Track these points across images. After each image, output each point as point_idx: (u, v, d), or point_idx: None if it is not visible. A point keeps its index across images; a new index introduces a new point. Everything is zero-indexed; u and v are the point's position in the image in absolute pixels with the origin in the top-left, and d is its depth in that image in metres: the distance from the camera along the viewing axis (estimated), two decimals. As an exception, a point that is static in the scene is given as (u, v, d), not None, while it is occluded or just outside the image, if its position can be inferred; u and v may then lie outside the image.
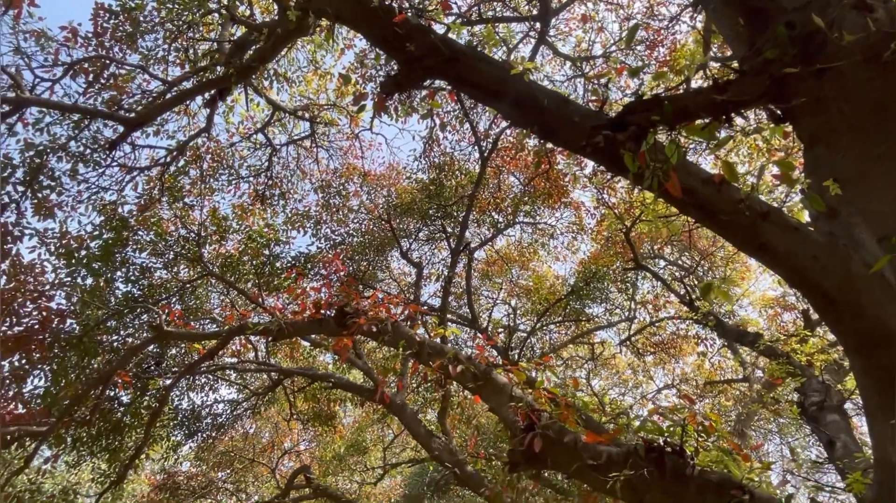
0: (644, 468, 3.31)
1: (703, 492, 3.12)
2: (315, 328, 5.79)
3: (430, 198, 9.93)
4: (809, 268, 2.75)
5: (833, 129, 2.20)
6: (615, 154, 3.05)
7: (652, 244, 12.80)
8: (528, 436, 3.84)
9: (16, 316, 6.60)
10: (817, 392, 5.02)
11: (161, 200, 8.63)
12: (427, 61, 3.43)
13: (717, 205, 2.93)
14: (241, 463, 13.52)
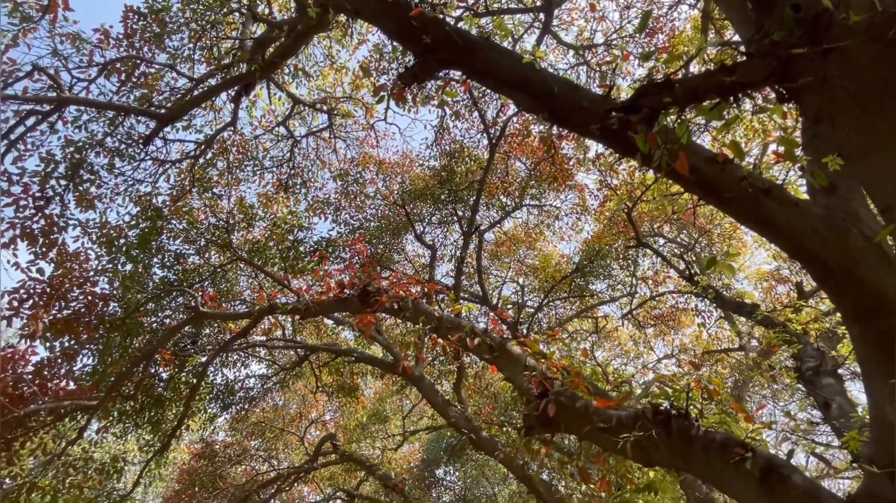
0: (652, 430, 3.35)
1: (707, 450, 3.14)
2: (340, 307, 5.84)
3: (442, 183, 9.91)
4: (809, 240, 2.73)
5: (838, 106, 2.16)
6: (624, 136, 3.02)
7: (652, 223, 12.70)
8: (542, 402, 3.89)
9: (64, 300, 6.71)
10: (812, 358, 5.02)
11: (192, 191, 8.69)
12: (442, 52, 3.40)
13: (720, 182, 2.91)
14: (271, 432, 13.78)
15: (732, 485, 3.03)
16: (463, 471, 19.89)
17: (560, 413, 3.79)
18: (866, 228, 2.73)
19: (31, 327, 6.16)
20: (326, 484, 14.47)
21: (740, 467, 2.95)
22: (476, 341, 4.41)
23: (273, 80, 7.80)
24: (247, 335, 7.24)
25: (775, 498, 2.78)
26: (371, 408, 14.53)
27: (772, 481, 2.82)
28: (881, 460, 2.63)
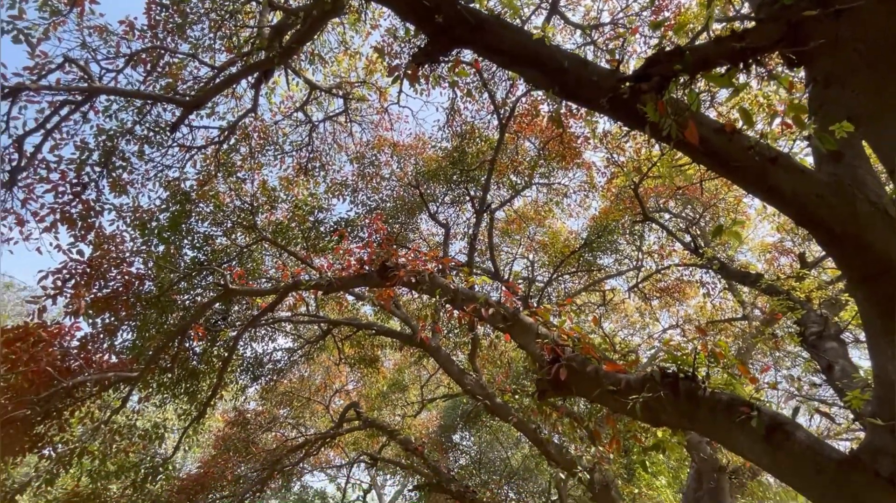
0: (660, 391, 3.35)
1: (713, 410, 3.14)
2: (360, 282, 5.88)
3: (454, 164, 9.83)
4: (815, 206, 2.68)
5: (849, 68, 2.09)
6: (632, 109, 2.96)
7: (658, 199, 12.53)
8: (554, 367, 3.90)
9: (103, 280, 6.84)
10: (816, 323, 4.96)
11: (217, 175, 8.73)
12: (454, 31, 3.33)
13: (728, 152, 2.85)
14: (298, 401, 14.07)
15: (738, 443, 3.03)
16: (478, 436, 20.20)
17: (571, 377, 3.80)
18: (872, 194, 2.67)
19: (74, 305, 6.31)
20: (351, 448, 14.80)
21: (746, 425, 2.94)
22: (490, 311, 4.43)
23: (291, 67, 7.74)
24: (273, 310, 7.34)
25: (780, 453, 2.78)
26: (391, 378, 14.74)
27: (776, 438, 2.81)
28: (884, 417, 2.61)
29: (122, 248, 7.22)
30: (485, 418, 14.83)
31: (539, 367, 4.18)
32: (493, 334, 12.65)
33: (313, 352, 12.06)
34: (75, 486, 7.70)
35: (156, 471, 8.35)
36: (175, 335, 6.87)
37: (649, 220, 9.68)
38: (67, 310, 6.34)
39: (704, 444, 8.21)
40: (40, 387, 5.71)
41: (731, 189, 11.27)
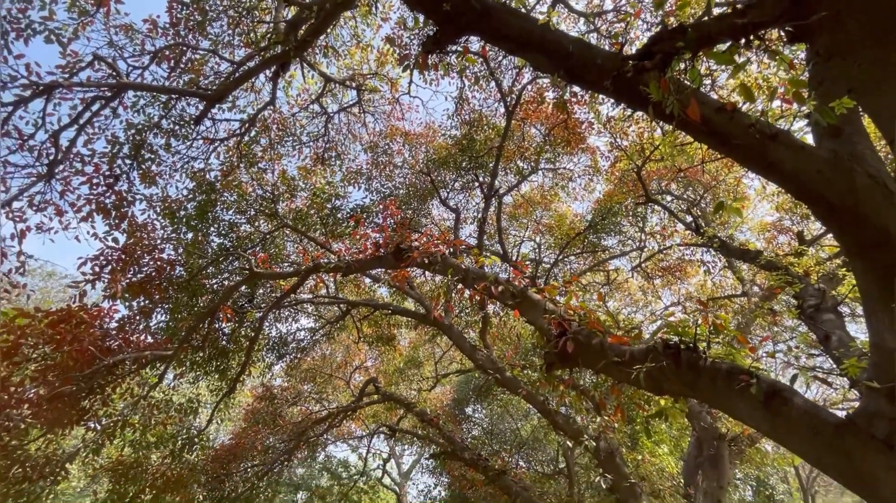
0: (663, 361, 3.34)
1: (714, 378, 3.13)
2: (376, 264, 5.91)
3: (463, 151, 9.76)
4: (814, 181, 2.62)
5: (850, 41, 2.02)
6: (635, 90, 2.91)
7: (660, 181, 12.35)
8: (561, 340, 3.91)
9: (137, 265, 6.96)
10: (813, 296, 4.89)
11: (239, 166, 8.77)
12: (462, 19, 3.28)
13: (729, 130, 2.79)
14: (321, 377, 14.28)
15: (738, 409, 3.02)
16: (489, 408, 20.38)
17: (578, 349, 3.81)
18: (871, 168, 2.60)
19: (111, 289, 6.43)
20: (371, 421, 15.04)
21: (745, 392, 2.93)
22: (500, 289, 4.43)
23: (306, 61, 7.70)
24: (296, 292, 7.42)
25: (778, 419, 2.77)
26: (407, 355, 14.89)
27: (775, 404, 2.80)
28: (880, 382, 2.58)
29: (154, 236, 7.32)
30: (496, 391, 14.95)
31: (546, 341, 4.19)
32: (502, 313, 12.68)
33: (334, 332, 12.20)
34: (119, 456, 7.93)
35: (192, 442, 8.57)
36: (205, 316, 6.98)
37: (651, 201, 9.55)
38: (106, 294, 6.47)
39: (705, 414, 8.20)
40: (84, 365, 5.85)
41: (731, 170, 11.07)
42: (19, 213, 5.47)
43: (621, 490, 7.26)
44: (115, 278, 6.45)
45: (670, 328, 3.55)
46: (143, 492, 7.83)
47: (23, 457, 5.75)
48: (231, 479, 11.07)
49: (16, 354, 5.40)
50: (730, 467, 7.71)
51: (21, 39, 5.20)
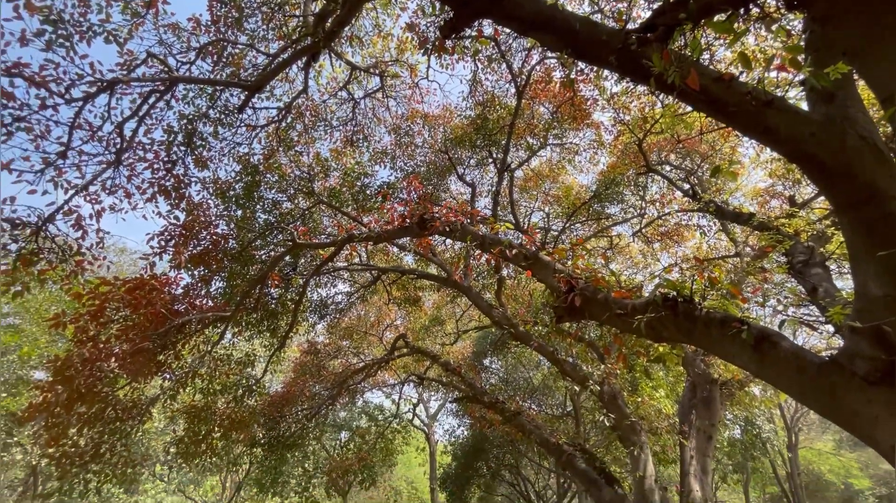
0: (661, 312, 3.35)
1: (708, 326, 3.13)
2: (403, 233, 5.95)
3: (477, 130, 9.60)
4: (808, 144, 2.53)
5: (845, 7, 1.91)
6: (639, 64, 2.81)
7: (660, 153, 11.98)
8: (570, 295, 3.93)
9: (196, 240, 7.16)
10: (802, 253, 4.76)
11: (278, 150, 8.82)
12: (476, 3, 3.19)
13: (726, 98, 2.69)
14: (357, 335, 14.68)
15: (730, 352, 3.02)
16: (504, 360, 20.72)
17: (584, 303, 3.83)
18: (863, 129, 2.49)
19: (176, 260, 6.66)
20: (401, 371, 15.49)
21: (737, 338, 2.93)
22: (514, 252, 4.44)
23: (334, 51, 7.58)
24: (333, 260, 7.56)
25: (766, 360, 2.77)
26: (431, 315, 15.14)
27: (764, 347, 2.80)
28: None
29: (209, 214, 7.49)
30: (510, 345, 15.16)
31: (556, 297, 4.22)
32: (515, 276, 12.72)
33: (366, 295, 12.45)
34: (191, 401, 8.39)
35: (250, 390, 8.99)
36: (257, 282, 7.19)
37: (652, 171, 9.30)
38: (171, 265, 6.70)
39: (699, 361, 8.21)
40: (157, 325, 6.14)
41: (728, 140, 10.65)
42: (94, 196, 5.66)
43: (623, 427, 7.40)
44: (178, 251, 6.66)
45: (668, 284, 3.53)
46: (212, 431, 8.31)
47: (114, 401, 6.14)
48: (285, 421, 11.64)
49: (102, 316, 5.69)
50: (721, 408, 7.76)
51: (84, 41, 5.25)
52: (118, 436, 6.31)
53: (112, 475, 6.15)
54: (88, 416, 5.87)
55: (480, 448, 22.61)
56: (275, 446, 11.48)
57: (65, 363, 5.43)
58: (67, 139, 5.11)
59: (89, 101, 4.92)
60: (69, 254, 5.19)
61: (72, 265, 5.39)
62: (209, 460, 8.29)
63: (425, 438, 25.28)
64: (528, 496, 29.11)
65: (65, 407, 5.46)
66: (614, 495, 7.29)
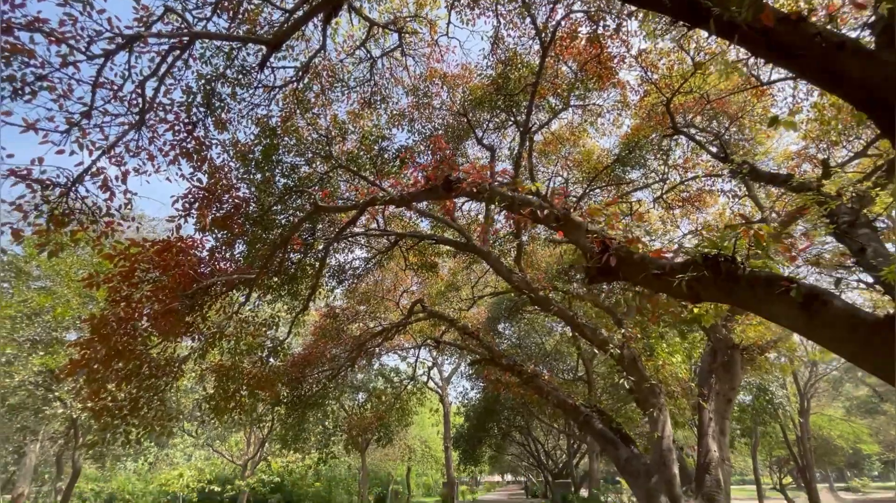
0: (703, 271, 3.26)
1: (752, 285, 3.04)
2: (427, 195, 5.86)
3: (498, 90, 9.26)
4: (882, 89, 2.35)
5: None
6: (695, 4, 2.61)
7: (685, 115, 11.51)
8: (604, 255, 3.85)
9: (219, 202, 7.16)
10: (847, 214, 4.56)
11: (296, 112, 8.65)
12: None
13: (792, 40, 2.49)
14: (374, 299, 14.86)
15: (775, 312, 2.95)
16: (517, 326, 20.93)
17: (619, 263, 3.76)
18: (943, 73, 2.30)
19: (201, 223, 6.69)
20: (418, 335, 15.75)
21: (784, 297, 2.84)
22: (545, 212, 4.34)
23: (352, 6, 7.26)
24: (354, 224, 7.52)
25: (817, 319, 2.69)
26: (447, 281, 15.21)
27: (814, 306, 2.71)
28: (924, 284, 2.44)
29: (230, 177, 7.45)
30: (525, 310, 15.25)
31: (588, 258, 4.14)
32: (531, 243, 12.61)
33: (384, 261, 12.49)
34: (219, 361, 8.65)
35: (275, 351, 9.22)
36: (279, 245, 7.22)
37: (679, 133, 8.95)
38: (196, 227, 6.74)
39: (720, 326, 8.14)
40: (185, 286, 6.23)
41: (760, 100, 10.15)
42: (119, 157, 5.63)
43: (642, 390, 7.46)
44: (202, 213, 6.68)
45: (709, 243, 3.42)
46: (240, 388, 8.60)
47: (148, 359, 6.34)
48: (307, 381, 12.00)
49: (133, 277, 5.79)
50: (741, 372, 7.75)
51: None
52: (153, 392, 6.55)
53: (150, 427, 6.44)
54: (125, 373, 6.08)
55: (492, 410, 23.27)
56: (297, 405, 11.90)
57: (101, 321, 5.58)
58: (91, 98, 5.03)
59: (110, 57, 4.80)
60: (99, 215, 5.23)
61: (102, 226, 5.43)
62: (238, 416, 8.62)
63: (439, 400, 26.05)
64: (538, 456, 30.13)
65: (103, 363, 5.65)
66: (631, 454, 7.45)
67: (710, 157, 9.14)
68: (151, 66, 5.60)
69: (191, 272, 6.27)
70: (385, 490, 36.20)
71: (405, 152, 8.85)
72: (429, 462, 39.76)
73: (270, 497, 25.46)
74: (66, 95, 5.02)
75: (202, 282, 6.47)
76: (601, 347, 7.84)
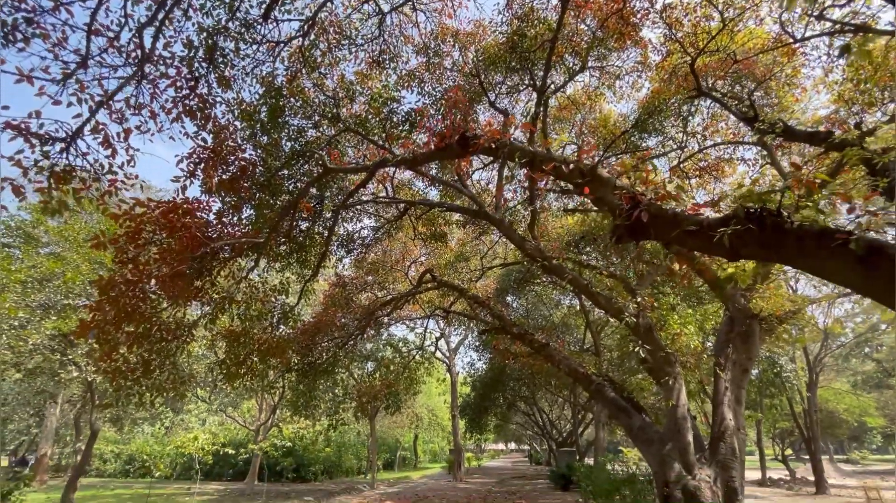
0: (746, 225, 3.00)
1: (802, 239, 2.78)
2: (441, 154, 5.57)
3: (513, 48, 8.77)
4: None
5: None
6: None
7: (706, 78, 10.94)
8: (635, 211, 3.60)
9: (225, 164, 6.91)
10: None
11: (302, 72, 8.26)
12: None
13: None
14: (383, 270, 14.74)
15: (828, 268, 2.71)
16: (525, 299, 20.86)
17: (651, 220, 3.50)
18: None
19: (206, 183, 6.47)
20: (427, 306, 15.69)
21: (838, 251, 2.59)
22: (570, 167, 4.06)
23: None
24: (364, 187, 7.27)
25: (877, 274, 2.44)
26: (456, 251, 15.02)
27: (875, 260, 2.46)
28: None
29: (236, 137, 7.17)
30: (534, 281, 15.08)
31: (615, 216, 3.89)
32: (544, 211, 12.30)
33: (392, 230, 12.29)
34: (230, 326, 8.60)
35: (286, 317, 9.15)
36: (289, 209, 7.01)
37: (704, 95, 8.47)
38: (202, 189, 6.53)
39: (738, 296, 7.91)
40: (193, 249, 6.07)
41: (791, 60, 9.57)
42: (120, 113, 5.38)
43: (657, 359, 7.32)
44: (208, 174, 6.45)
45: (752, 196, 3.14)
46: (251, 354, 8.58)
47: (158, 322, 6.26)
48: (317, 349, 12.04)
49: (139, 238, 5.63)
50: (760, 342, 7.56)
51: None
52: (165, 355, 6.51)
53: (163, 389, 6.42)
54: (136, 335, 6.01)
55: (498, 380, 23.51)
56: (307, 372, 11.97)
57: (109, 283, 5.46)
58: (86, 47, 4.74)
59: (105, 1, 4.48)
60: (101, 172, 5.02)
61: (105, 185, 5.23)
62: (250, 381, 8.63)
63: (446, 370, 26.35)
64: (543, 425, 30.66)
65: (113, 325, 5.57)
66: (643, 422, 7.37)
67: (737, 119, 8.66)
68: (149, 14, 5.27)
69: (198, 234, 6.09)
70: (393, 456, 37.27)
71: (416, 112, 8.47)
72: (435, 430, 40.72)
73: (282, 460, 26.26)
74: (61, 43, 4.74)
75: (210, 245, 6.31)
76: (616, 316, 7.67)
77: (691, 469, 6.38)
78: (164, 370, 6.58)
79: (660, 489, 6.48)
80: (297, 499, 18.65)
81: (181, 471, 29.23)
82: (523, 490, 19.55)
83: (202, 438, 16.53)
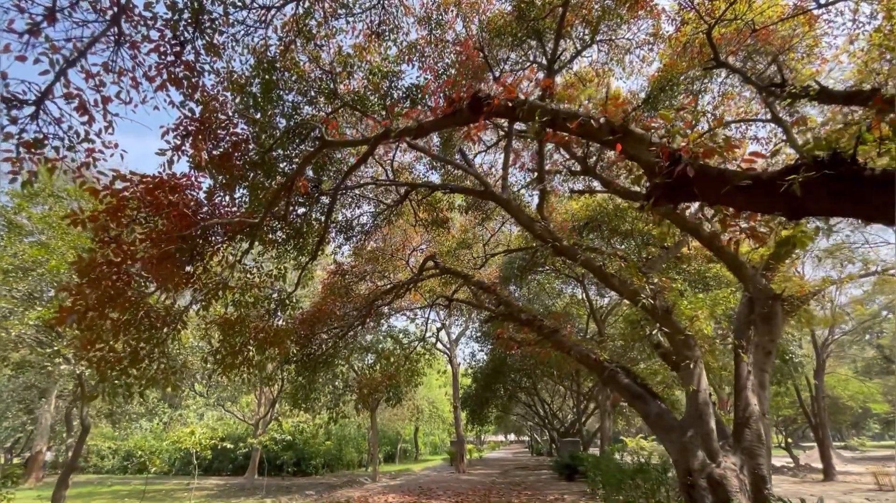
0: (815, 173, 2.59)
1: (885, 187, 2.39)
2: (450, 121, 5.11)
3: (520, 18, 8.30)
4: None
5: None
6: None
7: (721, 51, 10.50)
8: (676, 167, 3.19)
9: (215, 139, 6.45)
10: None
11: (296, 43, 7.77)
12: None
13: None
14: (383, 257, 14.32)
15: (922, 218, 2.31)
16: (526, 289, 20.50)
17: (696, 176, 3.10)
18: None
19: (195, 158, 6.02)
20: (428, 295, 15.30)
21: (938, 197, 2.20)
22: (601, 121, 3.64)
23: None
24: (365, 162, 6.83)
25: None
26: (458, 238, 14.60)
27: None
28: None
29: (226, 108, 6.69)
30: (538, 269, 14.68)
31: (651, 175, 3.48)
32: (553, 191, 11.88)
33: (393, 217, 11.86)
34: (224, 314, 8.19)
35: (283, 304, 8.74)
36: (284, 186, 6.57)
37: (722, 65, 8.03)
38: (190, 163, 6.07)
39: (759, 276, 7.55)
40: (182, 228, 5.64)
41: (812, 30, 9.14)
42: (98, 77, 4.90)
43: (676, 342, 6.96)
44: (197, 147, 5.99)
45: (818, 144, 2.74)
46: (247, 343, 8.16)
47: (146, 307, 5.83)
48: (316, 340, 11.64)
49: (122, 215, 5.18)
50: (782, 324, 7.21)
51: None
52: (154, 344, 6.09)
53: (153, 380, 6.01)
54: (122, 322, 5.59)
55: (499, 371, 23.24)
56: (307, 364, 11.59)
57: (90, 264, 5.02)
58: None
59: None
60: (76, 140, 4.56)
61: (82, 156, 4.78)
62: (247, 373, 8.24)
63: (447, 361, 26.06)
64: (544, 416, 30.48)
65: (96, 310, 5.14)
66: (661, 409, 7.03)
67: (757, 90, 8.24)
68: (127, -32, 4.77)
69: (187, 213, 5.65)
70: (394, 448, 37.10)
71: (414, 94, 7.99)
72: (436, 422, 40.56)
73: (282, 454, 25.99)
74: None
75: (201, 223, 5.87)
76: (631, 298, 7.29)
77: (715, 456, 6.04)
78: (153, 360, 6.16)
79: (682, 478, 6.15)
80: (298, 492, 18.36)
81: (180, 466, 28.95)
82: (527, 481, 19.33)
83: (199, 433, 16.16)
